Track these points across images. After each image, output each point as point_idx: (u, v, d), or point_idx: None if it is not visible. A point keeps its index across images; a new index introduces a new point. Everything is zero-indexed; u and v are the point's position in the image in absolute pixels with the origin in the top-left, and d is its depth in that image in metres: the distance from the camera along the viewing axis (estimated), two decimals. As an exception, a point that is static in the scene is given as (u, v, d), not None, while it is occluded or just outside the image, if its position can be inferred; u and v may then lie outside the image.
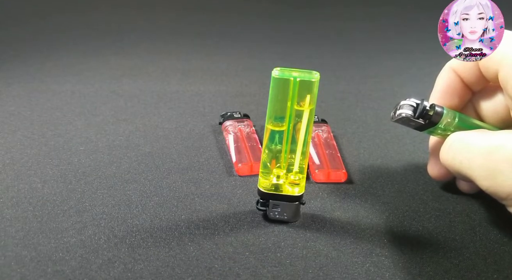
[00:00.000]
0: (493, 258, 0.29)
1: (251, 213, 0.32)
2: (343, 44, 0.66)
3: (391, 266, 0.28)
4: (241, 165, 0.36)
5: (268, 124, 0.29)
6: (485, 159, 0.27)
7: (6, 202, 0.31)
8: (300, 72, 0.28)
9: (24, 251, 0.27)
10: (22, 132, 0.40)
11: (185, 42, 0.64)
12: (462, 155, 0.28)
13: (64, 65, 0.54)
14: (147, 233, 0.29)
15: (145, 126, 0.42)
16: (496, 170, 0.26)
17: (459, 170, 0.28)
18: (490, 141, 0.27)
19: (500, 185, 0.26)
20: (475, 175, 0.27)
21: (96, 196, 0.33)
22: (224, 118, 0.41)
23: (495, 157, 0.26)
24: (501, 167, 0.26)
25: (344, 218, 0.32)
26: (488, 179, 0.27)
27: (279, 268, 0.27)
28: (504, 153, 0.26)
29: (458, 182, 0.34)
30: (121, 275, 0.26)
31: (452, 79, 0.32)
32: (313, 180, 0.36)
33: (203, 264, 0.27)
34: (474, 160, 0.27)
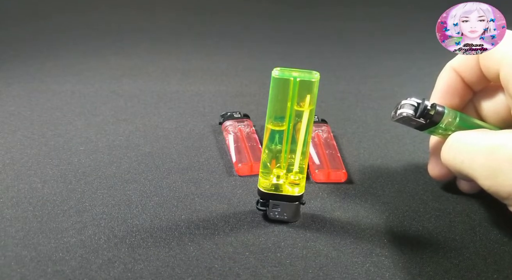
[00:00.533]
0: (493, 258, 0.29)
1: (251, 213, 0.32)
2: (343, 44, 0.66)
3: (391, 266, 0.28)
4: (241, 165, 0.36)
5: (268, 124, 0.29)
6: (487, 159, 0.27)
7: (6, 202, 0.31)
8: (300, 72, 0.28)
9: (24, 251, 0.27)
10: (22, 132, 0.40)
11: (185, 42, 0.64)
12: (463, 155, 0.28)
13: (64, 65, 0.54)
14: (147, 233, 0.29)
15: (145, 126, 0.42)
16: (497, 170, 0.26)
17: (460, 170, 0.28)
18: (491, 141, 0.27)
19: (501, 184, 0.26)
20: (476, 174, 0.27)
21: (96, 196, 0.33)
22: (224, 118, 0.41)
23: (497, 157, 0.26)
24: (503, 167, 0.26)
25: (344, 218, 0.32)
26: (490, 178, 0.26)
27: (279, 268, 0.27)
28: (506, 152, 0.26)
29: (459, 182, 0.34)
30: (121, 275, 0.26)
31: (453, 78, 0.32)
32: (313, 180, 0.36)
33: (203, 264, 0.27)
34: (475, 159, 0.27)
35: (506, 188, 0.26)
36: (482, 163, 0.27)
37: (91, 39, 0.63)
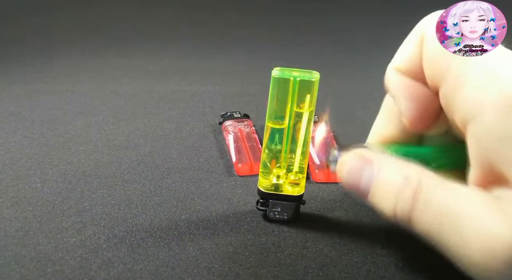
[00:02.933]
0: (493, 258, 0.29)
1: (251, 213, 0.32)
2: (343, 44, 0.66)
3: (391, 266, 0.28)
4: (241, 165, 0.36)
5: (269, 122, 0.29)
6: (485, 257, 0.21)
7: (6, 202, 0.31)
8: (300, 72, 0.28)
9: (24, 251, 0.27)
10: (22, 132, 0.40)
11: (185, 42, 0.64)
12: (455, 237, 0.23)
13: (64, 65, 0.54)
14: (147, 233, 0.29)
15: (145, 126, 0.42)
16: (494, 273, 0.21)
17: (436, 241, 0.24)
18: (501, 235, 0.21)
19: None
20: (463, 262, 0.23)
21: (96, 196, 0.33)
22: (224, 118, 0.41)
23: (499, 260, 0.21)
24: (501, 269, 0.21)
25: (344, 218, 0.32)
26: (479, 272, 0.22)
27: (279, 268, 0.27)
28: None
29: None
30: (121, 275, 0.26)
31: (406, 81, 0.29)
32: (313, 180, 0.36)
33: (203, 264, 0.27)
34: (469, 251, 0.22)
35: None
36: (478, 259, 0.22)
37: (91, 39, 0.63)
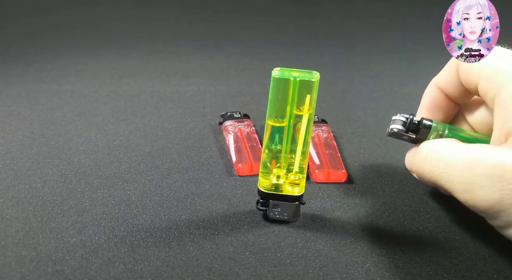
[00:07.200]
0: (493, 258, 0.29)
1: (251, 213, 0.32)
2: (343, 44, 0.66)
3: (391, 266, 0.28)
4: (241, 165, 0.36)
5: (269, 121, 0.29)
6: (465, 173, 0.26)
7: (6, 202, 0.31)
8: (300, 72, 0.28)
9: (24, 251, 0.27)
10: (22, 132, 0.40)
11: (185, 42, 0.64)
12: (440, 167, 0.28)
13: (64, 65, 0.54)
14: (147, 233, 0.29)
15: (145, 126, 0.42)
16: (476, 184, 0.26)
17: (436, 182, 0.29)
18: (469, 154, 0.27)
19: (479, 199, 0.26)
20: (454, 187, 0.27)
21: (96, 196, 0.33)
22: (224, 118, 0.41)
23: (475, 171, 0.26)
24: (481, 182, 0.26)
25: (344, 218, 0.32)
26: (467, 192, 0.26)
27: (279, 268, 0.27)
28: (485, 167, 0.26)
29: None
30: (121, 275, 0.26)
31: (436, 95, 0.33)
32: (313, 180, 0.36)
33: (203, 264, 0.27)
34: (453, 172, 0.27)
35: (483, 203, 0.26)
36: (460, 177, 0.27)
37: (91, 39, 0.63)
